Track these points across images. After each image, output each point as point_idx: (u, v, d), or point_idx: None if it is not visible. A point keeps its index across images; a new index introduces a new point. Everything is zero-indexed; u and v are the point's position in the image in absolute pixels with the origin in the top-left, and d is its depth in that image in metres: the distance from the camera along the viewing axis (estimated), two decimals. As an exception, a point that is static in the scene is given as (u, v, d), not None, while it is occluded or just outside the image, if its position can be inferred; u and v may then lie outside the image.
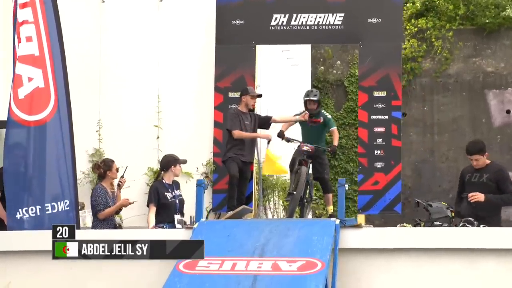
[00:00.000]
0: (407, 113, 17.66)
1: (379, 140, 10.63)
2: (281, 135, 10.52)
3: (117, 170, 9.39)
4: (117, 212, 9.39)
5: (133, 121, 11.37)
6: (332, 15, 10.80)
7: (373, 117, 10.65)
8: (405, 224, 8.16)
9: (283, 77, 14.52)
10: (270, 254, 6.01)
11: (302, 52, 16.94)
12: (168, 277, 5.86)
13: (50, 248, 7.24)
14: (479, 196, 7.82)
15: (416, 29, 17.59)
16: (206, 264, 5.91)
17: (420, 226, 7.98)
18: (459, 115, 17.60)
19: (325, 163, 10.75)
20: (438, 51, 17.63)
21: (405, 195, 16.45)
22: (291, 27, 10.93)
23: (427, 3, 18.07)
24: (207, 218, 10.38)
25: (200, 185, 7.09)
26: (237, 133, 10.09)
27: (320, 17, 10.82)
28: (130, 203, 9.25)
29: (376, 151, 10.61)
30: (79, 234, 6.12)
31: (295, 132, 11.33)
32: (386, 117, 10.62)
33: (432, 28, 17.76)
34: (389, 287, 6.64)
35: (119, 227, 9.52)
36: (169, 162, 9.21)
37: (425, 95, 17.82)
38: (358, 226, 6.78)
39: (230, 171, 10.03)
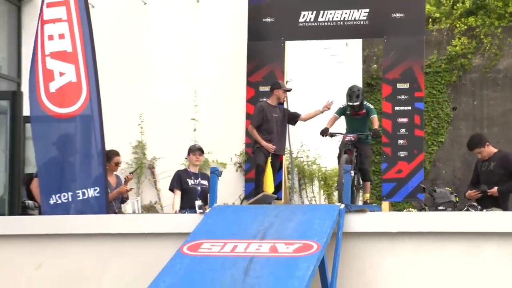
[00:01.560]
0: (458, 108, 17.39)
1: (402, 130, 10.30)
2: (325, 131, 10.32)
3: (117, 164, 9.33)
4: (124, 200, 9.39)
5: (172, 115, 11.29)
6: (357, 11, 10.52)
7: (397, 108, 10.32)
8: (410, 209, 7.85)
9: (327, 74, 14.25)
10: (271, 237, 5.73)
11: (352, 51, 16.67)
12: (171, 258, 5.65)
13: (78, 231, 7.36)
14: (494, 192, 8.03)
15: (466, 27, 17.24)
16: (209, 247, 5.68)
17: (425, 211, 7.68)
18: (508, 109, 17.28)
19: (367, 155, 10.57)
20: (487, 48, 17.27)
21: (455, 186, 16.17)
22: (318, 23, 10.66)
23: (478, 1, 17.74)
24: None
25: (213, 173, 6.85)
26: (249, 128, 9.96)
27: (346, 13, 10.54)
28: (127, 190, 9.22)
29: (399, 141, 10.28)
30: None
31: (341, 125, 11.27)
32: (409, 108, 10.28)
33: (482, 26, 17.38)
34: (393, 270, 6.29)
35: (119, 212, 9.38)
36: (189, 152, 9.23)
37: (475, 90, 17.56)
38: (363, 211, 6.48)
39: (256, 160, 9.83)
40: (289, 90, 10.19)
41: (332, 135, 10.32)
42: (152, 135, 11.35)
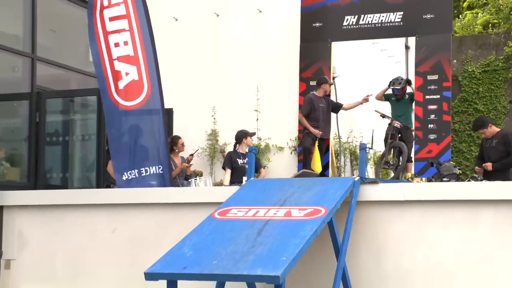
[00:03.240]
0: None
1: (432, 116, 9.93)
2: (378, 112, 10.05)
3: (183, 144, 9.36)
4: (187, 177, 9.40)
5: (239, 107, 11.29)
6: (393, 14, 10.20)
7: (427, 97, 9.96)
8: (418, 180, 7.55)
9: (385, 73, 13.87)
10: (289, 204, 5.60)
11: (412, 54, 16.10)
12: (202, 221, 5.60)
13: (144, 201, 7.43)
14: (488, 166, 7.86)
15: (521, 29, 16.51)
16: (236, 212, 5.60)
17: (432, 182, 7.37)
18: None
19: (410, 141, 10.11)
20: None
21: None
22: (359, 26, 10.41)
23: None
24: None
25: (251, 151, 6.76)
26: (300, 116, 9.82)
27: (383, 16, 10.24)
28: (188, 167, 9.21)
29: (429, 125, 9.92)
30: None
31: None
32: (438, 96, 9.90)
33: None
34: (401, 233, 6.06)
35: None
36: (241, 136, 9.14)
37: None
38: (375, 182, 6.25)
39: (304, 144, 9.71)
40: (331, 84, 10.03)
41: (383, 116, 9.98)
42: (222, 125, 11.38)
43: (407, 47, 16.26)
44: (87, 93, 9.28)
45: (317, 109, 9.68)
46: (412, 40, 12.91)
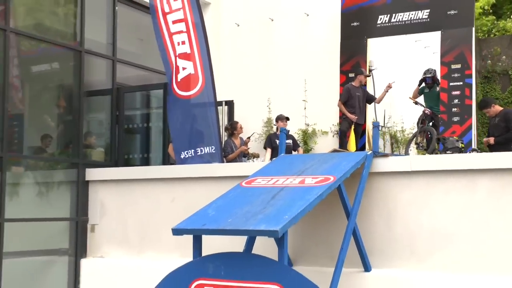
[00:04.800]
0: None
1: (456, 101, 9.55)
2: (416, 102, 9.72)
3: (241, 127, 9.37)
4: (245, 155, 9.39)
5: (289, 98, 11.21)
6: (421, 12, 9.86)
7: (451, 84, 9.59)
8: (423, 152, 7.27)
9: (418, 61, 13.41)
10: (306, 174, 5.56)
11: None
12: (230, 189, 5.66)
13: (197, 175, 7.50)
14: (490, 140, 7.61)
15: None
16: (260, 181, 5.62)
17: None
18: None
19: (438, 126, 9.79)
20: None
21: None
22: (391, 23, 10.11)
23: None
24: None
25: (282, 132, 6.75)
26: (338, 103, 9.66)
27: (412, 14, 9.92)
28: (246, 149, 9.21)
29: (453, 109, 9.55)
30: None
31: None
32: (461, 83, 9.51)
33: None
34: (408, 201, 5.93)
35: None
36: (277, 120, 9.11)
37: None
38: (386, 155, 6.12)
39: (341, 127, 9.60)
40: (368, 75, 9.85)
41: (416, 103, 9.68)
42: (276, 113, 11.30)
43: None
44: (155, 87, 9.50)
45: (353, 97, 9.54)
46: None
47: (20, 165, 8.25)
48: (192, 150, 7.91)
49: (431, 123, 9.65)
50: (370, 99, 9.96)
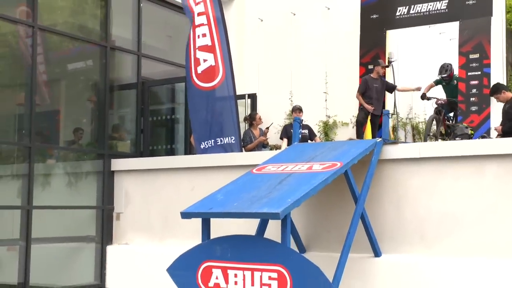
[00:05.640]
0: None
1: (474, 90, 9.36)
2: (423, 96, 9.59)
3: (260, 118, 9.36)
4: (265, 146, 9.39)
5: (310, 91, 11.22)
6: (439, 2, 9.71)
7: (469, 73, 9.40)
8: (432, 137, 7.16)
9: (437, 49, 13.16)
10: (315, 160, 5.54)
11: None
12: (241, 175, 5.70)
13: (216, 164, 7.58)
14: (497, 129, 7.37)
15: None
16: (270, 168, 5.64)
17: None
18: None
19: (455, 114, 9.72)
20: None
21: None
22: (410, 15, 10.00)
23: None
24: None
25: (296, 121, 6.75)
26: (356, 95, 9.57)
27: (430, 5, 9.77)
28: (265, 139, 9.20)
29: (471, 98, 9.37)
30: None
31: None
32: (479, 72, 9.32)
33: None
34: (418, 186, 5.86)
35: None
36: (293, 110, 9.10)
37: None
38: (395, 143, 6.07)
39: (357, 117, 9.53)
40: (387, 66, 9.73)
41: (429, 98, 9.60)
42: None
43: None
44: (177, 81, 9.59)
45: (371, 88, 9.46)
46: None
47: (51, 156, 8.47)
48: (212, 140, 7.95)
49: (451, 113, 9.54)
50: (391, 88, 9.85)
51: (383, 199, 6.00)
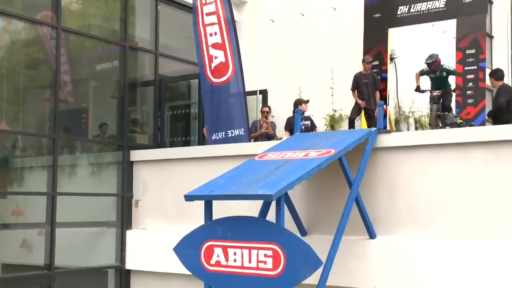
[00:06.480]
0: None
1: (470, 84, 9.30)
2: (417, 89, 9.45)
3: (264, 111, 9.40)
4: (270, 138, 9.44)
5: (318, 86, 11.25)
6: (438, 1, 9.66)
7: (466, 68, 9.33)
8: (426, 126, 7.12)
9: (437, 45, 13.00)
10: (313, 148, 5.57)
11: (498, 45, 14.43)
12: (243, 162, 5.78)
13: (224, 154, 7.65)
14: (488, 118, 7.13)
15: None
16: (271, 155, 5.68)
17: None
18: None
19: (450, 97, 9.26)
20: None
21: None
22: (410, 13, 9.98)
23: None
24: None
25: (297, 112, 6.80)
26: (352, 92, 9.46)
27: (430, 4, 9.73)
28: (264, 131, 9.23)
29: (467, 92, 9.30)
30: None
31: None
32: (475, 67, 9.25)
33: None
34: (409, 172, 5.88)
35: None
36: (296, 103, 9.07)
37: None
38: (389, 132, 6.09)
39: (350, 115, 9.45)
40: (369, 61, 9.52)
41: (423, 91, 9.42)
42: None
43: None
44: (192, 77, 9.72)
45: (361, 84, 9.37)
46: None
47: (75, 147, 8.67)
48: (223, 132, 8.05)
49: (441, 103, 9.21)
50: (377, 84, 9.66)
51: (378, 185, 6.03)
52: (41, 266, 7.79)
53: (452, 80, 9.23)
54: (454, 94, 9.21)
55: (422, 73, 9.39)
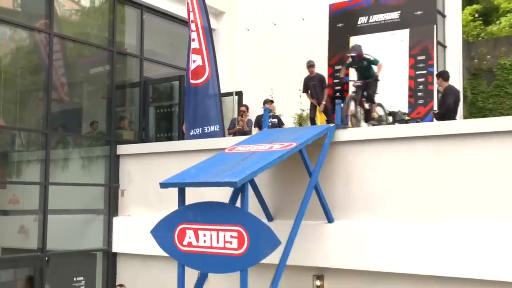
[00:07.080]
0: None
1: (420, 86, 9.39)
2: (340, 80, 9.23)
3: (240, 110, 9.42)
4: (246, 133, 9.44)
5: (288, 88, 11.25)
6: (393, 13, 9.73)
7: (417, 72, 9.44)
8: (375, 122, 7.23)
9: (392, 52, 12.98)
10: (277, 141, 5.66)
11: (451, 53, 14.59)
12: (215, 154, 5.82)
13: (201, 148, 7.67)
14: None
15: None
16: (240, 148, 5.73)
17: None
18: None
19: (373, 90, 8.57)
20: None
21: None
22: (369, 23, 10.02)
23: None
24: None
25: (265, 111, 6.85)
26: (306, 94, 9.39)
27: (386, 15, 9.80)
28: (240, 128, 9.22)
29: (418, 93, 9.42)
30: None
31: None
32: (425, 71, 9.35)
33: None
34: (362, 164, 5.97)
35: None
36: (264, 102, 9.11)
37: None
38: (346, 127, 6.18)
39: (310, 114, 9.30)
40: (310, 65, 9.32)
41: (346, 82, 9.24)
42: (277, 101, 11.33)
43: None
44: (172, 79, 9.71)
45: (310, 86, 9.37)
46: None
47: (68, 143, 8.62)
48: (200, 128, 8.07)
49: (365, 93, 8.97)
50: (321, 84, 9.43)
51: (334, 175, 6.12)
52: (34, 249, 7.75)
53: (375, 69, 8.67)
54: (377, 83, 8.60)
55: (347, 66, 9.08)
